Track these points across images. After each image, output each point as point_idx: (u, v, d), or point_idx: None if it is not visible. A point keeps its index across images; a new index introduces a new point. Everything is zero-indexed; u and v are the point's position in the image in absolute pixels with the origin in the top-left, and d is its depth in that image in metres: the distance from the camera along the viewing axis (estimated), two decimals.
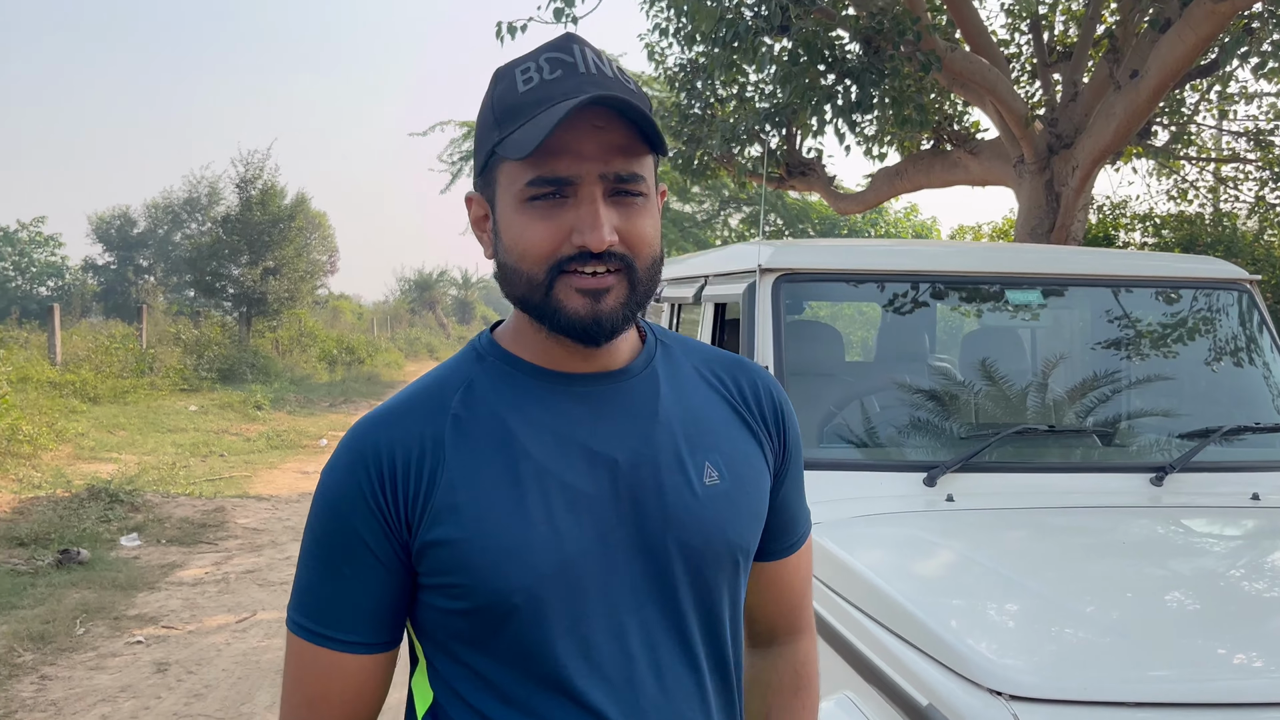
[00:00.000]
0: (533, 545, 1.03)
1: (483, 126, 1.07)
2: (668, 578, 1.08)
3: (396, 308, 45.23)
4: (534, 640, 1.04)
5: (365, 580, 1.06)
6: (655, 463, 1.09)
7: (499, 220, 1.06)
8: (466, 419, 1.07)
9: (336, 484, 1.06)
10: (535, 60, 1.05)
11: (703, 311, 3.75)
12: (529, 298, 1.05)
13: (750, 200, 22.39)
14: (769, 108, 10.79)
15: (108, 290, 38.85)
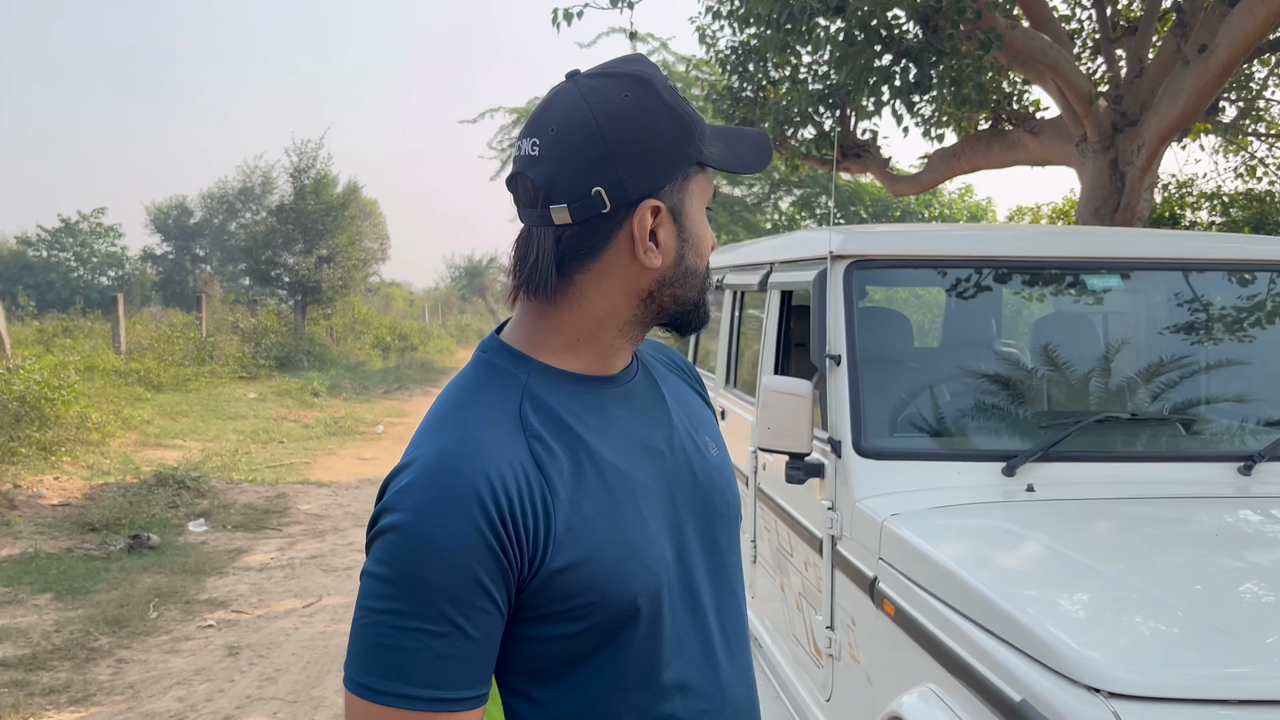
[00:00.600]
0: (641, 547, 1.07)
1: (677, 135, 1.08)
2: (718, 548, 1.17)
3: (447, 294, 45.63)
4: (643, 639, 1.06)
5: (487, 631, 1.00)
6: (684, 447, 1.18)
7: (689, 228, 1.11)
8: (545, 435, 1.06)
9: (445, 531, 0.97)
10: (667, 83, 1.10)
11: (768, 298, 3.72)
12: (695, 299, 1.14)
13: (801, 183, 22.19)
14: (822, 89, 10.67)
15: (166, 279, 39.65)
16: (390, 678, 0.96)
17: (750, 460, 3.79)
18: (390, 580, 0.97)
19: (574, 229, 1.07)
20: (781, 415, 2.77)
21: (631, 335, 1.14)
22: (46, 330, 15.62)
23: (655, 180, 1.08)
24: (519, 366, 1.10)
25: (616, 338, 1.13)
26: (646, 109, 1.07)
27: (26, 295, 20.65)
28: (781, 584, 3.39)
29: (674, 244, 1.10)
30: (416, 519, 0.97)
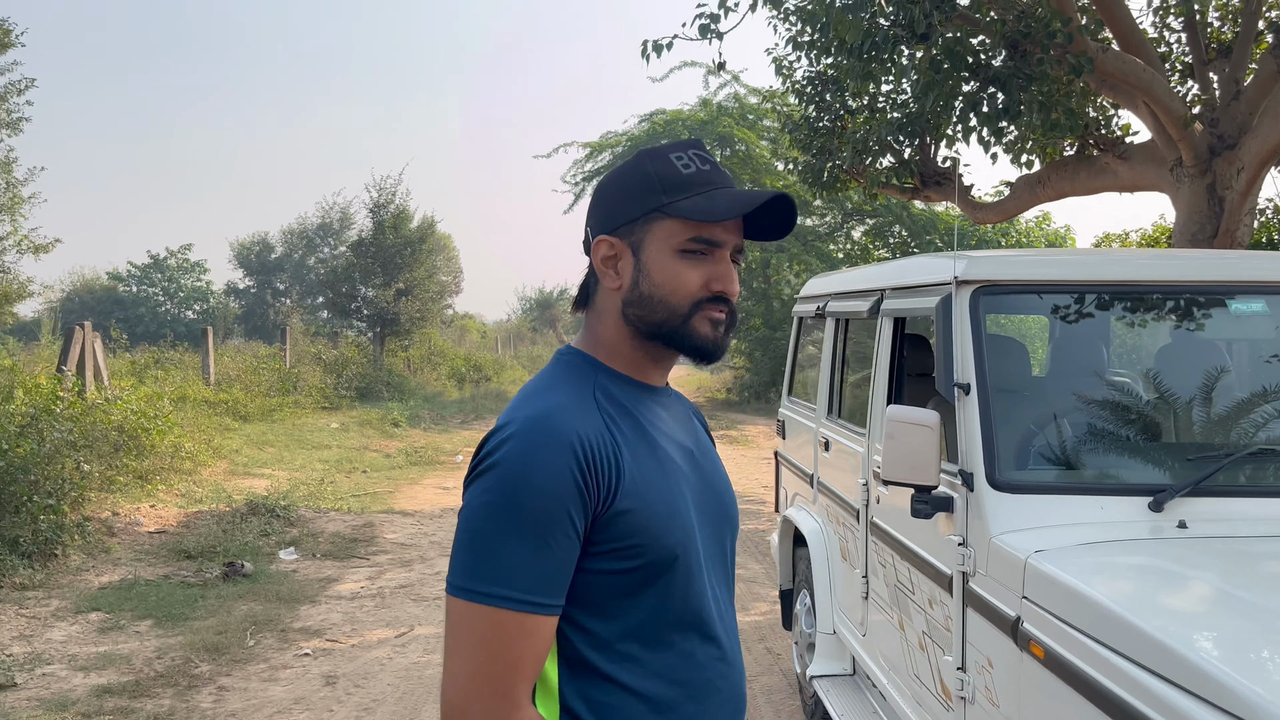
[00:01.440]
0: (680, 510, 1.33)
1: (642, 190, 1.37)
2: (724, 539, 1.45)
3: (518, 326, 46.07)
4: (682, 583, 1.32)
5: (568, 552, 1.24)
6: (706, 454, 1.48)
7: (648, 262, 1.36)
8: (615, 415, 1.33)
9: (543, 468, 1.22)
10: (685, 152, 1.39)
11: (879, 326, 3.64)
12: (667, 323, 1.36)
13: (874, 213, 21.99)
14: (901, 117, 10.57)
15: (248, 312, 40.71)
16: (493, 581, 1.20)
17: (860, 493, 3.69)
18: (495, 505, 1.21)
19: (589, 259, 1.43)
20: (907, 447, 2.69)
21: (643, 349, 1.39)
22: (139, 362, 16.08)
23: (612, 220, 1.39)
24: (589, 365, 1.39)
25: (634, 350, 1.40)
26: (625, 170, 1.41)
27: (119, 329, 21.32)
28: (900, 621, 3.28)
29: (630, 272, 1.37)
30: (522, 457, 1.22)
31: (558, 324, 48.98)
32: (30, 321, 28.13)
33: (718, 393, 25.98)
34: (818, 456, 4.46)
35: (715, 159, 1.48)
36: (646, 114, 23.16)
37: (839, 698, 3.85)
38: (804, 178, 11.82)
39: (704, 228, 1.34)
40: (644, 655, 1.30)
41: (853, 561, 3.89)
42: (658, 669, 1.31)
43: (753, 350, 22.95)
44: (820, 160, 11.36)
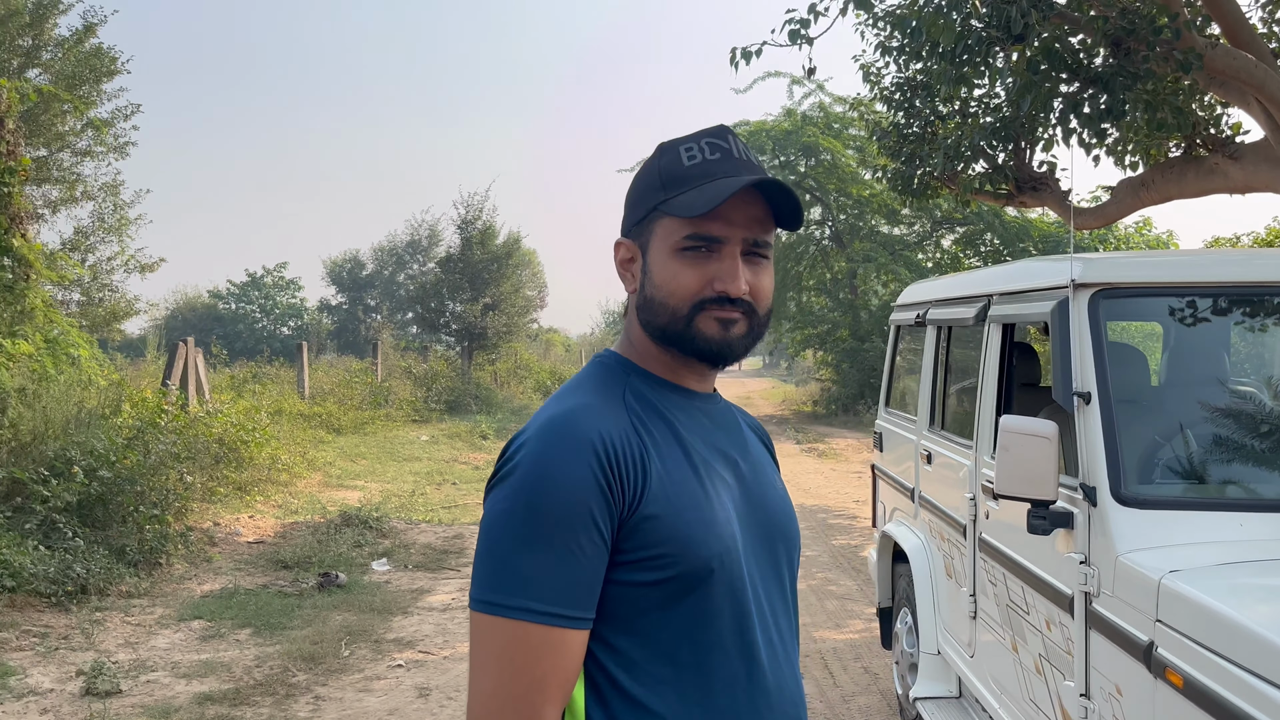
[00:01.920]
0: (718, 521, 1.22)
1: (647, 188, 1.31)
2: (778, 558, 1.32)
3: (602, 339, 46.29)
4: (722, 601, 1.20)
5: (595, 558, 1.15)
6: (757, 467, 1.36)
7: (651, 264, 1.29)
8: (644, 417, 1.25)
9: (564, 470, 1.14)
10: (697, 142, 1.31)
11: (986, 333, 3.49)
12: (670, 326, 1.27)
13: (966, 220, 21.50)
14: (994, 121, 10.29)
15: (340, 328, 41.73)
16: (515, 594, 1.12)
17: (967, 507, 3.54)
18: (515, 512, 1.13)
19: None
20: (1023, 459, 2.55)
21: (671, 353, 1.30)
22: (238, 377, 16.56)
23: (627, 222, 1.35)
24: (623, 367, 1.32)
25: (662, 353, 1.31)
26: (641, 171, 1.35)
27: (218, 345, 22.03)
28: (1014, 643, 3.13)
29: (639, 276, 1.31)
30: (541, 460, 1.15)
31: None
32: (137, 338, 29.26)
33: (804, 405, 25.67)
34: (919, 469, 4.31)
35: (734, 144, 1.31)
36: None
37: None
38: (893, 185, 11.60)
39: (700, 224, 1.25)
40: (678, 679, 1.19)
41: (959, 579, 3.74)
42: (694, 694, 1.19)
43: (840, 362, 22.61)
44: (910, 167, 11.13)
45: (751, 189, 1.25)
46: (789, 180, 22.50)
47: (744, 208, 1.26)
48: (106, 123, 15.58)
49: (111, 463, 7.33)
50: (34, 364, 8.31)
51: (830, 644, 5.84)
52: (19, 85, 9.86)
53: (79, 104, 13.89)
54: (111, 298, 16.00)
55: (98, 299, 16.23)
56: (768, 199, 1.27)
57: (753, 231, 1.27)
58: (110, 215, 16.18)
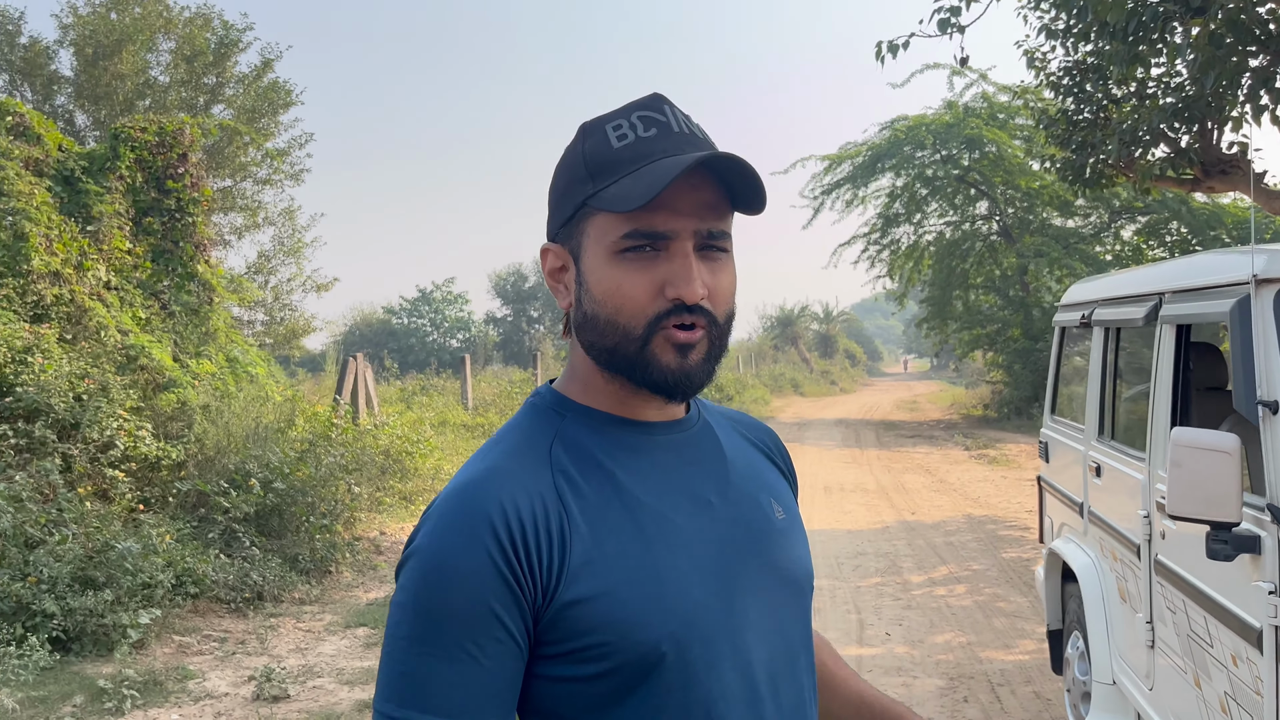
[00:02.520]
0: (670, 591, 1.01)
1: (571, 179, 1.08)
2: (777, 611, 1.10)
3: (760, 345, 45.93)
4: (675, 688, 0.99)
5: (501, 661, 0.97)
6: (739, 502, 1.11)
7: (587, 272, 1.06)
8: (573, 471, 1.04)
9: (455, 556, 0.96)
10: (627, 117, 1.07)
11: (1158, 335, 3.18)
12: (620, 349, 1.04)
13: (1148, 209, 20.14)
14: (1176, 102, 9.56)
15: (505, 339, 43.03)
16: (405, 705, 0.95)
17: (1140, 525, 3.23)
18: (408, 606, 0.97)
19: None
20: (1201, 476, 2.29)
21: (621, 381, 1.07)
22: (407, 389, 17.25)
23: (552, 224, 1.11)
24: (560, 407, 1.10)
25: (608, 381, 1.08)
26: (561, 160, 1.11)
27: (391, 358, 23.04)
28: (1196, 678, 2.82)
29: (574, 287, 1.09)
30: (431, 544, 0.98)
31: (799, 341, 48.43)
32: (318, 355, 31.01)
33: (974, 409, 24.66)
34: (1088, 482, 3.98)
35: (673, 115, 1.08)
36: (887, 121, 22.42)
37: None
38: (1063, 176, 10.99)
39: (640, 218, 1.02)
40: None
41: (1134, 604, 3.42)
42: None
43: (1011, 363, 21.59)
44: (1081, 156, 10.51)
45: (700, 169, 1.03)
46: (949, 174, 21.70)
47: (692, 193, 1.03)
48: (283, 152, 16.59)
49: (285, 475, 7.72)
50: (216, 382, 8.86)
51: (998, 665, 5.51)
52: (201, 121, 10.59)
53: (257, 136, 14.83)
54: (291, 316, 16.98)
55: (279, 318, 17.26)
56: (720, 179, 1.05)
57: (706, 221, 1.04)
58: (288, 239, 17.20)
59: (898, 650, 5.81)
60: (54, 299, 7.85)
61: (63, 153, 8.90)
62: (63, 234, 8.15)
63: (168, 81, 16.74)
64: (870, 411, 27.02)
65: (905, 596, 7.03)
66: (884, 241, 23.35)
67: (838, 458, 15.61)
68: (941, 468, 14.16)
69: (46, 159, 8.70)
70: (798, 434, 19.84)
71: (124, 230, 8.99)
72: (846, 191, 22.68)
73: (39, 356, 7.25)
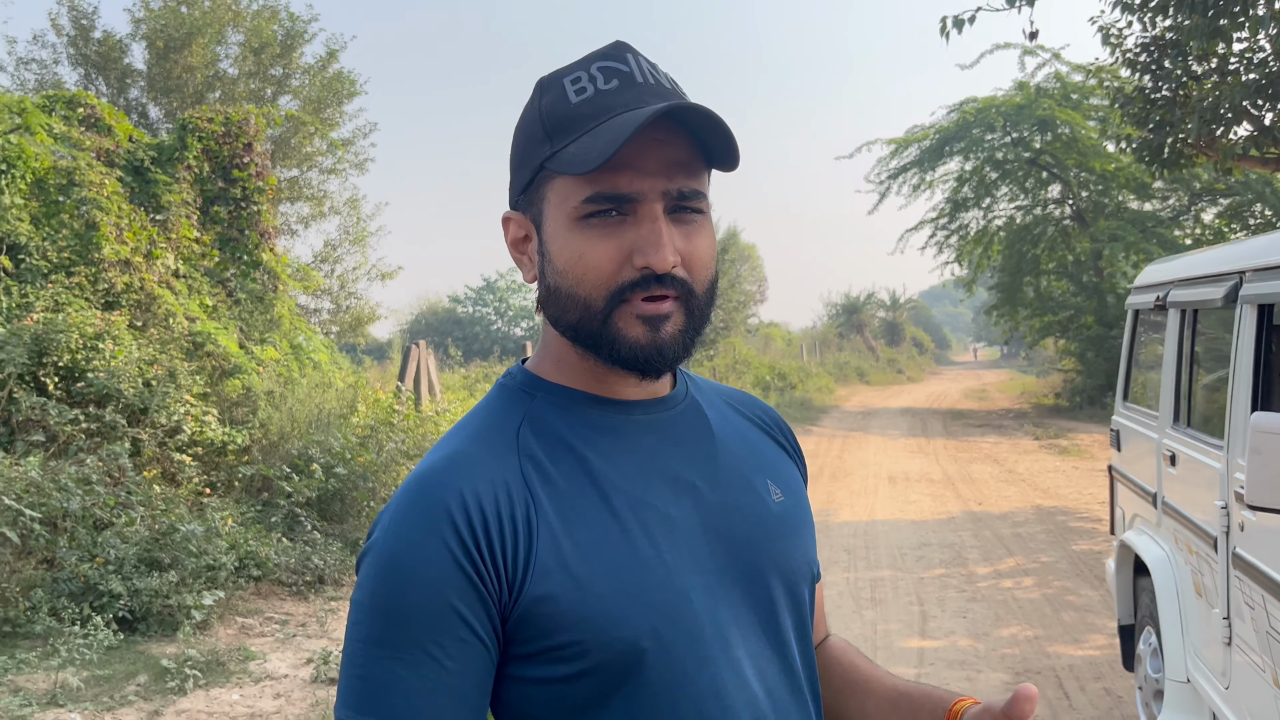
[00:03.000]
0: (650, 583, 0.94)
1: (528, 140, 0.99)
2: (768, 601, 1.02)
3: (825, 332, 45.46)
4: (662, 688, 0.92)
5: (466, 663, 0.90)
6: (729, 485, 1.04)
7: (547, 241, 0.98)
8: (542, 456, 0.97)
9: (412, 551, 0.89)
10: (586, 69, 0.97)
11: (1238, 316, 3.01)
12: (583, 325, 0.97)
13: (1230, 190, 19.40)
14: (1259, 78, 9.16)
15: None
16: (363, 711, 0.88)
17: (1219, 517, 3.07)
18: (363, 605, 0.91)
19: None
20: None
21: (595, 358, 0.98)
22: (470, 377, 17.38)
23: (513, 190, 1.03)
24: (530, 387, 1.03)
25: (582, 358, 1.00)
26: (520, 118, 1.02)
27: (455, 347, 23.28)
28: (1275, 677, 2.66)
29: (536, 258, 1.01)
30: (387, 539, 0.91)
31: (865, 328, 47.80)
32: (385, 343, 31.47)
33: (1044, 398, 24.09)
34: (1161, 472, 3.81)
35: (637, 65, 0.97)
36: (955, 104, 21.93)
37: None
38: (1140, 156, 10.61)
39: (602, 179, 0.93)
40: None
41: (1210, 599, 3.25)
42: None
43: (1084, 350, 21.01)
44: (1159, 135, 10.16)
45: (668, 123, 0.93)
46: (1020, 157, 21.16)
47: (659, 149, 0.94)
48: (348, 142, 16.80)
49: (347, 460, 7.80)
50: (280, 369, 8.99)
51: (1066, 660, 5.33)
52: (267, 111, 10.75)
53: (321, 126, 15.04)
54: (357, 305, 17.23)
55: (345, 306, 17.52)
56: (691, 134, 0.95)
57: (675, 180, 0.95)
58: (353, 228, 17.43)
59: (961, 643, 5.67)
60: (124, 287, 8.03)
61: (132, 143, 9.10)
62: (132, 223, 8.33)
63: (236, 74, 17.06)
64: (937, 400, 26.56)
65: (970, 589, 6.86)
66: (952, 227, 22.88)
67: (903, 447, 15.36)
68: (1010, 458, 13.84)
69: (117, 150, 8.90)
70: (862, 423, 19.57)
71: (191, 219, 9.17)
72: (914, 175, 22.24)
73: (109, 343, 7.42)
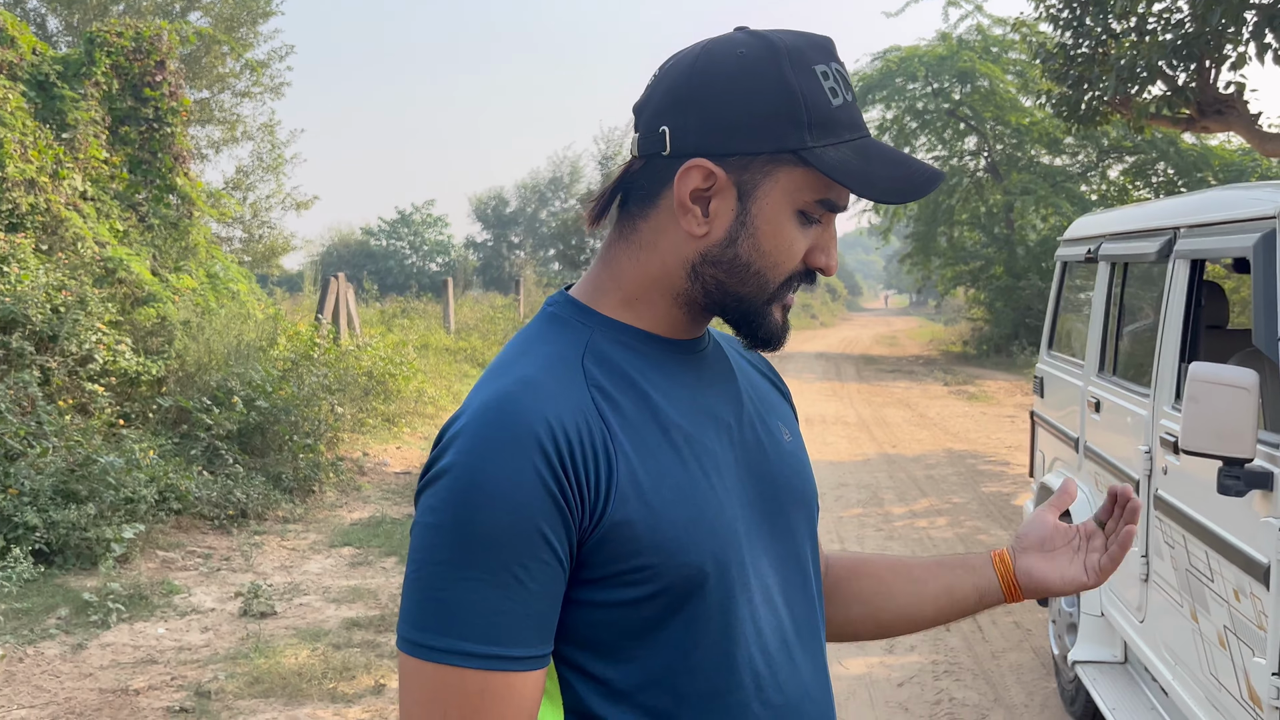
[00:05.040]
0: (709, 511, 1.00)
1: (775, 112, 0.97)
2: (791, 530, 1.10)
3: None
4: (716, 611, 0.99)
5: (547, 584, 0.93)
6: (754, 424, 1.11)
7: (759, 218, 1.00)
8: (608, 387, 1.00)
9: (502, 475, 0.91)
10: (828, 64, 1.00)
11: (1171, 271, 3.15)
12: (748, 300, 1.02)
13: (1136, 149, 20.04)
14: (1175, 39, 9.43)
15: (485, 264, 42.69)
16: (445, 633, 0.90)
17: (1142, 461, 3.24)
18: (443, 528, 0.91)
19: (639, 164, 1.03)
20: (1215, 411, 2.27)
21: (688, 310, 1.04)
22: (387, 311, 17.09)
23: (723, 143, 0.99)
24: (584, 318, 1.04)
25: (671, 306, 1.04)
26: (752, 72, 0.98)
27: (370, 280, 22.82)
28: (1193, 612, 2.84)
29: (728, 221, 1.00)
30: (471, 462, 0.91)
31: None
32: (295, 274, 30.63)
33: (953, 345, 24.81)
34: (1085, 418, 3.98)
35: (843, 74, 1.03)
36: (880, 52, 22.10)
37: (1109, 688, 3.44)
38: (1058, 112, 10.85)
39: (833, 189, 1.00)
40: (677, 708, 0.99)
41: (1136, 540, 3.44)
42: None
43: (993, 300, 21.66)
44: (1077, 92, 10.39)
45: None
46: (940, 108, 21.46)
47: None
48: (262, 64, 16.13)
49: (268, 393, 7.64)
50: (197, 298, 8.71)
51: None
52: (179, 28, 10.24)
53: (236, 46, 14.40)
54: (270, 234, 16.71)
55: (258, 236, 16.98)
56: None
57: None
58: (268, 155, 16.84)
59: None
60: (29, 208, 7.64)
61: (36, 56, 8.60)
62: (37, 140, 7.91)
63: None
64: (850, 346, 27.13)
65: (887, 527, 7.11)
66: None
67: (819, 390, 15.68)
68: (921, 402, 14.26)
69: (20, 62, 8.40)
70: (778, 366, 19.66)
71: (100, 139, 8.74)
72: None
73: (14, 266, 7.08)
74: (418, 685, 0.92)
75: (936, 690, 4.35)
